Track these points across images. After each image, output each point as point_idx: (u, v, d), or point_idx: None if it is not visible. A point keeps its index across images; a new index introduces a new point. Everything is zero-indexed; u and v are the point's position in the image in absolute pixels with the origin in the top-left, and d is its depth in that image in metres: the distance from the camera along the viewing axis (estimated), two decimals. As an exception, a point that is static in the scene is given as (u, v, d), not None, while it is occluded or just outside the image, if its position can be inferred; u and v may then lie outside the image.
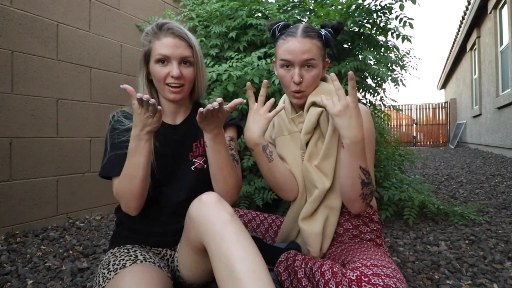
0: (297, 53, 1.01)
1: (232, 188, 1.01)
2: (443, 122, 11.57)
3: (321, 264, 0.84)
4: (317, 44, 1.03)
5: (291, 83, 1.05)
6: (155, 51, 0.98)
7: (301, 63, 1.02)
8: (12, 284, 1.25)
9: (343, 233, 1.07)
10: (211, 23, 2.40)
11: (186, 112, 1.11)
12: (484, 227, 1.81)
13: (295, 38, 1.02)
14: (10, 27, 1.87)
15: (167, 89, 0.99)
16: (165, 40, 0.98)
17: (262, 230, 1.30)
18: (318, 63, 1.03)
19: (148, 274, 0.84)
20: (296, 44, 1.01)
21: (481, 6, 6.19)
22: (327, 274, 0.79)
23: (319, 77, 1.06)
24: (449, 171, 4.14)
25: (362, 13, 1.80)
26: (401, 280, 0.74)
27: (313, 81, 1.04)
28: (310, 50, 1.01)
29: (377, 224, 1.08)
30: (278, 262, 1.03)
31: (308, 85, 1.04)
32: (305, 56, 1.00)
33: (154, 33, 0.99)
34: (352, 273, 0.75)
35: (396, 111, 3.04)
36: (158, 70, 0.98)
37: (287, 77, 1.05)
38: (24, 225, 1.92)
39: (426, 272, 1.27)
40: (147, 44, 1.01)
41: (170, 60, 0.98)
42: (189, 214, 0.85)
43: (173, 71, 0.97)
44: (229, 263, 0.72)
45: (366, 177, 0.92)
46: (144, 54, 1.02)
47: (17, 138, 1.90)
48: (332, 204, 1.03)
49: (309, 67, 1.03)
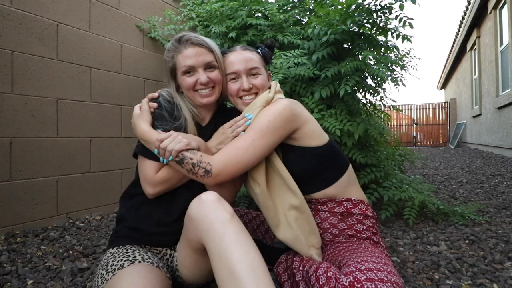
0: (242, 62, 1.10)
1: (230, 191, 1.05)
2: (443, 122, 11.57)
3: (317, 268, 0.84)
4: (257, 55, 1.14)
5: (239, 92, 1.11)
6: (180, 64, 1.04)
7: (246, 72, 1.10)
8: (12, 284, 1.25)
9: (339, 233, 1.07)
10: (211, 23, 2.40)
11: (211, 113, 1.15)
12: (484, 227, 1.81)
13: (235, 52, 1.13)
14: (10, 27, 1.87)
15: (198, 95, 1.05)
16: (186, 52, 1.03)
17: (262, 231, 1.30)
18: (261, 71, 1.14)
19: (145, 274, 0.84)
20: (238, 56, 1.12)
21: (481, 6, 6.19)
22: (321, 278, 0.80)
23: (266, 83, 1.13)
24: (449, 171, 4.14)
25: (362, 13, 1.80)
26: (396, 283, 0.74)
27: (261, 85, 1.11)
28: (251, 59, 1.11)
29: (371, 219, 1.08)
30: (278, 263, 1.03)
31: (259, 87, 1.11)
32: (250, 64, 1.10)
33: (175, 48, 1.05)
34: (345, 279, 0.75)
35: (396, 111, 3.04)
36: (187, 81, 1.04)
37: (235, 87, 1.11)
38: (24, 225, 1.92)
39: (426, 272, 1.27)
40: (170, 60, 1.06)
41: (195, 69, 1.04)
42: (188, 213, 0.85)
43: (201, 78, 1.03)
44: (228, 262, 0.72)
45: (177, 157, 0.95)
46: (170, 70, 1.07)
47: (17, 138, 1.90)
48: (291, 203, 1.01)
49: (255, 76, 1.11)
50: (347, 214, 1.07)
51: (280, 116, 0.99)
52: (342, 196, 1.08)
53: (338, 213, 1.07)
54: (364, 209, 1.08)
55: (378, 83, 2.13)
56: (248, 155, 0.97)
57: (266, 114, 1.00)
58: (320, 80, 1.86)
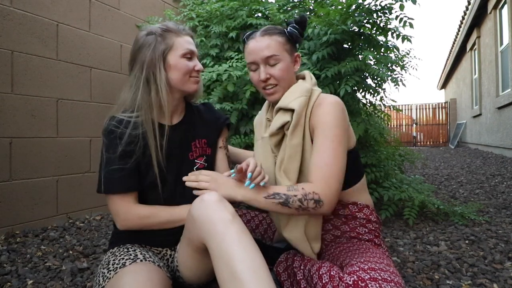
0: (258, 52, 1.02)
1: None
2: (443, 122, 11.57)
3: (319, 267, 0.83)
4: (277, 39, 1.02)
5: (260, 83, 1.05)
6: (182, 46, 1.01)
7: (263, 61, 1.02)
8: (12, 284, 1.25)
9: (340, 235, 1.06)
10: (211, 23, 2.40)
11: (181, 112, 1.12)
12: (484, 227, 1.81)
13: (254, 39, 1.04)
14: (10, 27, 1.87)
15: (192, 80, 1.04)
16: (186, 38, 1.04)
17: (261, 230, 1.30)
18: (282, 58, 1.02)
19: (147, 273, 0.84)
20: (254, 45, 1.03)
21: (481, 6, 6.19)
22: (324, 277, 0.79)
23: (288, 71, 1.04)
24: (449, 171, 4.14)
25: (362, 13, 1.80)
26: (399, 283, 0.73)
27: (282, 74, 1.02)
28: (269, 46, 1.01)
29: (375, 223, 1.07)
30: (278, 262, 1.03)
31: (279, 78, 1.02)
32: (266, 52, 1.01)
33: (176, 30, 1.02)
34: (349, 278, 0.74)
35: (396, 111, 3.04)
36: (186, 63, 1.02)
37: (255, 77, 1.05)
38: (24, 225, 1.92)
39: (426, 272, 1.27)
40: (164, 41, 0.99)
41: (194, 55, 1.05)
42: (191, 213, 0.85)
43: (198, 66, 1.04)
44: (230, 263, 0.72)
45: (279, 198, 0.89)
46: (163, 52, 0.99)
47: (17, 138, 1.90)
48: None
49: (274, 64, 1.02)
50: (351, 217, 1.06)
51: (342, 114, 0.97)
52: (349, 200, 1.08)
53: (342, 215, 1.07)
54: (368, 214, 1.07)
55: (378, 83, 2.13)
56: (339, 166, 0.93)
57: (330, 118, 0.95)
58: (320, 80, 1.86)
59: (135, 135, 0.97)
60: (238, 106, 1.91)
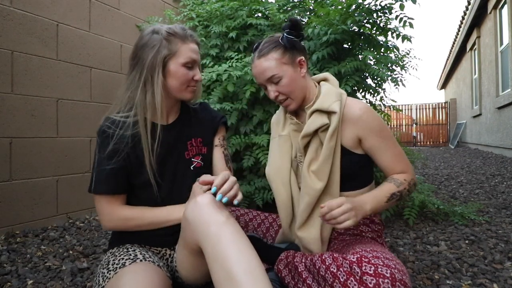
0: (259, 76, 1.06)
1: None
2: (443, 122, 11.57)
3: (322, 254, 0.87)
4: (273, 57, 1.03)
5: (274, 99, 1.09)
6: (185, 54, 0.99)
7: (267, 82, 1.06)
8: (12, 284, 1.25)
9: (344, 232, 1.08)
10: (211, 23, 2.40)
11: (177, 111, 1.12)
12: (484, 227, 1.81)
13: (253, 63, 1.08)
14: (10, 27, 1.87)
15: (189, 90, 1.04)
16: (192, 45, 1.01)
17: (263, 229, 1.30)
18: (282, 73, 1.03)
19: (147, 273, 0.84)
20: (254, 70, 1.07)
21: (481, 6, 6.19)
22: (327, 260, 0.82)
23: (295, 81, 1.06)
24: (449, 171, 4.14)
25: (362, 13, 1.80)
26: (400, 264, 0.77)
27: (289, 88, 1.05)
28: (266, 69, 1.03)
29: (378, 225, 1.09)
30: (279, 260, 1.04)
31: (287, 93, 1.05)
32: (266, 75, 1.04)
33: (183, 37, 1.00)
34: (353, 256, 0.78)
35: (396, 111, 3.04)
36: (185, 73, 1.01)
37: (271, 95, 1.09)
38: (24, 225, 1.92)
39: (426, 272, 1.27)
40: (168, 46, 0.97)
41: (195, 64, 1.03)
42: (185, 216, 0.85)
43: (198, 75, 1.03)
44: (225, 264, 0.72)
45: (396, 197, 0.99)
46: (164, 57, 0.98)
47: (17, 138, 1.90)
48: None
49: (277, 82, 1.05)
50: None
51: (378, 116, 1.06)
52: None
53: None
54: (372, 216, 1.09)
55: (378, 83, 2.13)
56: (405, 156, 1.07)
57: (377, 122, 1.03)
58: (320, 80, 1.86)
59: (127, 135, 0.98)
60: (238, 106, 1.91)
